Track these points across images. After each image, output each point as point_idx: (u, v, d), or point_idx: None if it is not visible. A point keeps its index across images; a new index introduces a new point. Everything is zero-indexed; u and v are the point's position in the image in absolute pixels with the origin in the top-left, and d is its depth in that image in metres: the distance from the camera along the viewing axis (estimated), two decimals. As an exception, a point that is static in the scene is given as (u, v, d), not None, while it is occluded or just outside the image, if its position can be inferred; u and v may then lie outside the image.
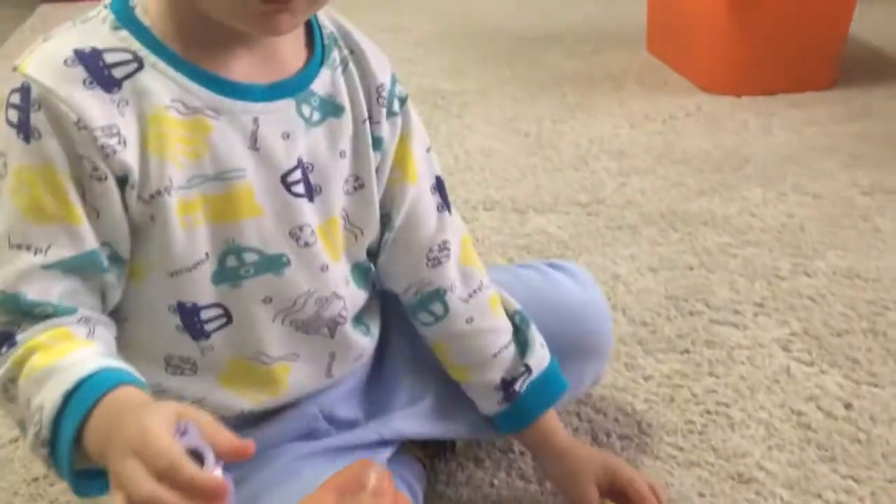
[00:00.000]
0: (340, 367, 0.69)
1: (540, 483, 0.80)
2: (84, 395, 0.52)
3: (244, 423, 0.68)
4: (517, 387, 0.73)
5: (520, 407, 0.74)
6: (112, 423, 0.50)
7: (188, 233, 0.59)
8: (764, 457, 0.82)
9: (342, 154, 0.64)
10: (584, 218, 1.28)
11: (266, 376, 0.66)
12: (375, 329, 0.73)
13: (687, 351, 0.98)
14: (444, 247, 0.71)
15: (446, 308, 0.71)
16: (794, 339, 0.99)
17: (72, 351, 0.54)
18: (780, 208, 1.30)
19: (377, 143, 0.66)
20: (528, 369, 0.73)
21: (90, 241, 0.57)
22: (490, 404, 0.74)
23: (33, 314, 0.56)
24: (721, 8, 1.68)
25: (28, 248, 0.55)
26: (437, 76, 1.89)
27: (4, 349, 0.56)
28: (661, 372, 0.94)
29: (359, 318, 0.70)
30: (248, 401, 0.66)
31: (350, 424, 0.71)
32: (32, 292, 0.56)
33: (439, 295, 0.71)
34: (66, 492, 0.80)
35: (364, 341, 0.71)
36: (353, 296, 0.68)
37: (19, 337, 0.56)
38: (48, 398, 0.52)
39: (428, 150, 0.71)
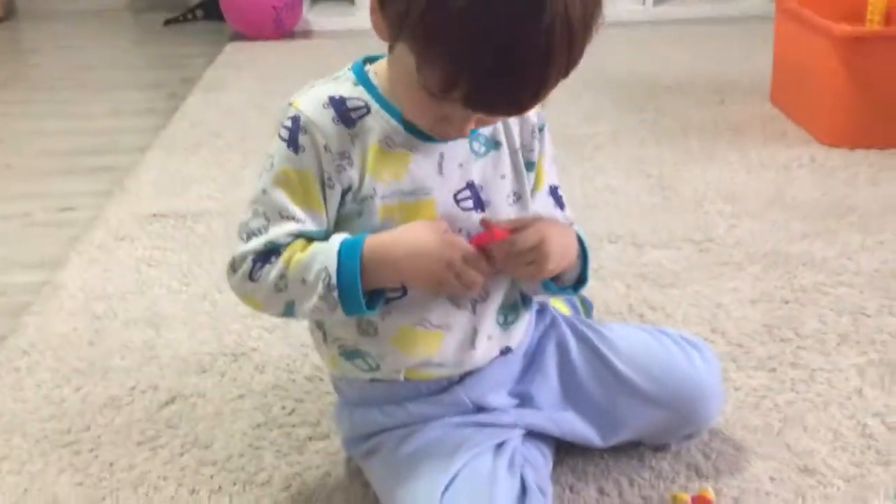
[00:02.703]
0: (482, 343, 0.91)
1: (641, 458, 1.01)
2: (355, 239, 0.82)
3: (409, 399, 0.93)
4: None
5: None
6: (388, 246, 0.82)
7: (383, 226, 0.85)
8: (829, 455, 1.00)
9: (503, 176, 0.89)
10: (696, 254, 1.48)
11: (425, 339, 0.89)
12: (516, 325, 0.94)
13: (774, 370, 1.16)
14: None
15: None
16: (869, 367, 1.16)
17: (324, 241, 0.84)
18: (877, 255, 1.45)
19: (530, 166, 0.91)
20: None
21: (325, 224, 0.86)
22: None
23: (279, 251, 0.85)
24: (838, 66, 1.84)
25: (293, 218, 0.84)
26: (574, 118, 2.11)
27: (274, 258, 0.85)
28: (750, 385, 1.13)
29: (499, 309, 0.92)
30: (412, 358, 0.90)
31: (494, 409, 0.95)
32: (285, 240, 0.84)
33: None
34: (285, 434, 1.07)
35: (498, 329, 0.92)
36: (496, 282, 0.90)
37: (282, 251, 0.85)
38: (327, 257, 0.82)
39: (551, 162, 0.95)
